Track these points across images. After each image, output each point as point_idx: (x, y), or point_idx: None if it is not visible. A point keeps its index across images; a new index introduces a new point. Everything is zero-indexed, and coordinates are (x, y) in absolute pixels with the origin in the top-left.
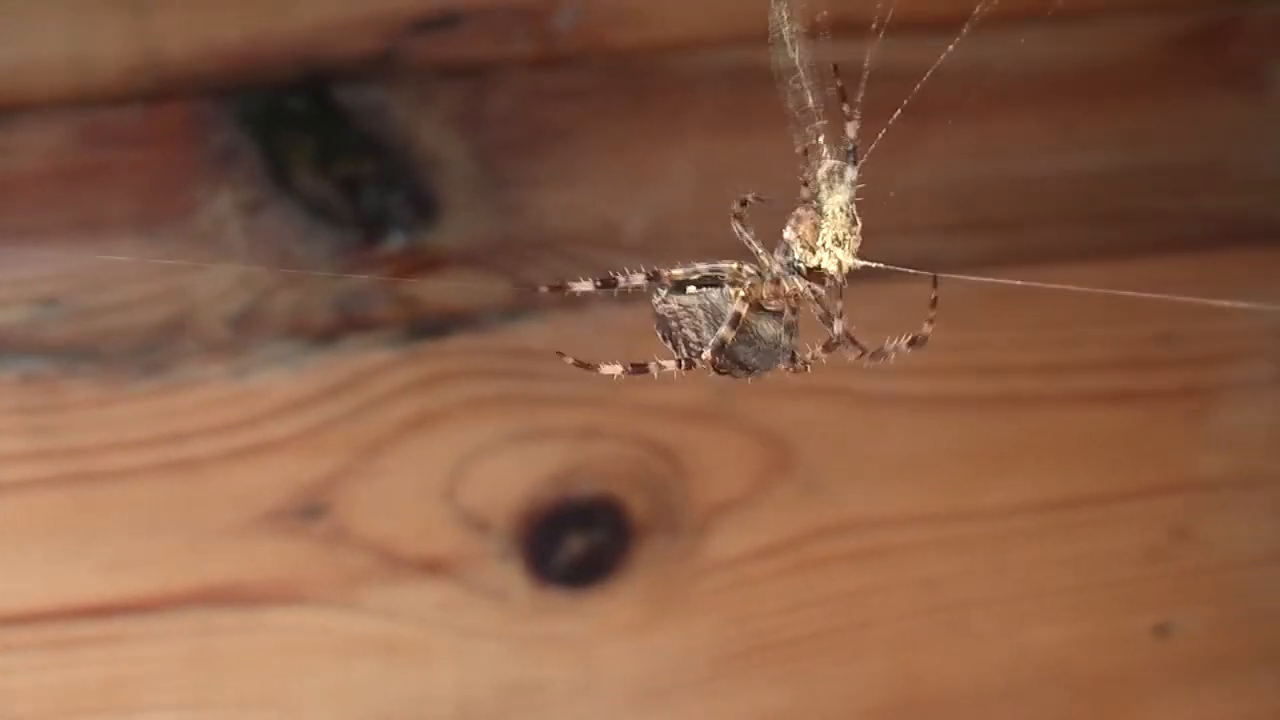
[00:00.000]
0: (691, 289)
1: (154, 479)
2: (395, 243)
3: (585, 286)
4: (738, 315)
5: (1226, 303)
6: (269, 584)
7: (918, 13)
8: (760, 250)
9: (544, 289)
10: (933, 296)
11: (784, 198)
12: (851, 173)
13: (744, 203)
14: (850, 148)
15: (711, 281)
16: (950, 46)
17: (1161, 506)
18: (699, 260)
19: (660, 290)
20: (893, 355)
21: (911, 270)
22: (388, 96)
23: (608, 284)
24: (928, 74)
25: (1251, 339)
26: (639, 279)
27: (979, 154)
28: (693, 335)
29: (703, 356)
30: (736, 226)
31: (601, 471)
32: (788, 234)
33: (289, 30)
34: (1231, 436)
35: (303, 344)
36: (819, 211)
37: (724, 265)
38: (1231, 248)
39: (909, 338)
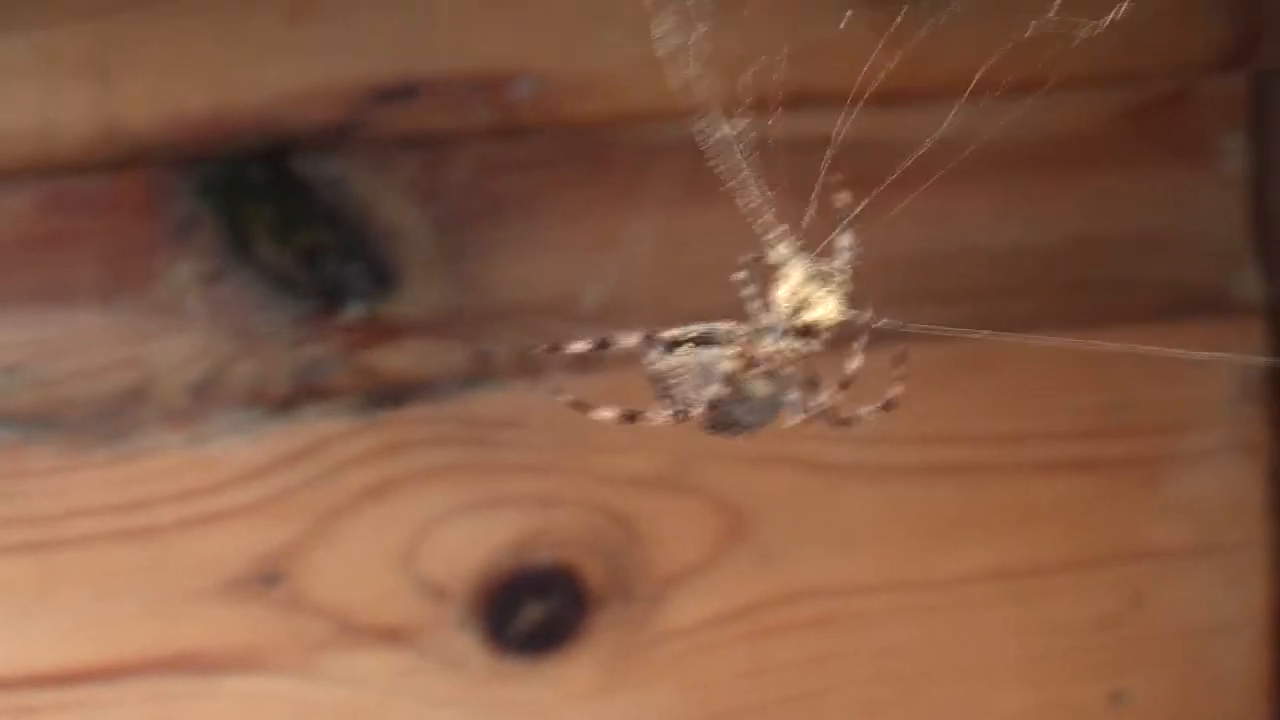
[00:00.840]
0: (682, 349)
1: (113, 546)
2: (354, 312)
3: (582, 347)
4: (729, 373)
5: (1206, 354)
6: (228, 651)
7: (874, 86)
8: (755, 310)
9: (542, 349)
10: (902, 353)
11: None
12: (847, 239)
13: (744, 266)
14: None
15: (706, 341)
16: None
17: (1117, 575)
18: (693, 322)
19: (653, 351)
20: (864, 421)
21: (920, 326)
22: (347, 167)
23: (603, 345)
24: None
25: (1206, 407)
26: (634, 339)
27: (936, 225)
28: (691, 394)
29: (690, 414)
30: (740, 282)
31: (558, 539)
32: (779, 292)
33: (251, 101)
34: (1186, 504)
35: (262, 412)
36: (808, 269)
37: (719, 326)
38: (1185, 318)
39: (883, 402)
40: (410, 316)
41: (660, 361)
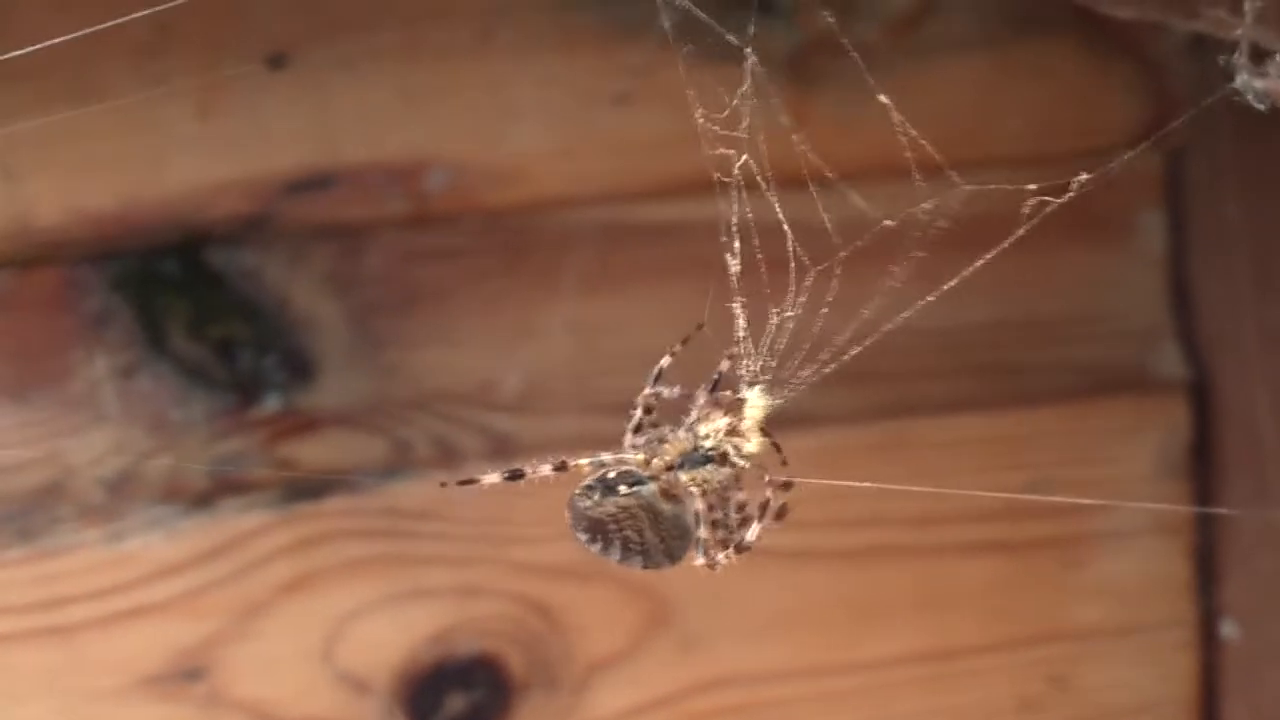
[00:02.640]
0: (623, 488)
1: (30, 645)
2: (271, 405)
3: (493, 479)
4: (697, 514)
5: None
6: None
7: (785, 168)
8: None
9: (454, 484)
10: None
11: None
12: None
13: (685, 341)
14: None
15: (629, 476)
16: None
17: (1038, 656)
18: (600, 449)
19: (590, 493)
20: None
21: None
22: (261, 258)
23: (515, 476)
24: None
25: (1126, 486)
26: (546, 469)
27: (849, 307)
28: (634, 536)
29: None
30: (639, 415)
31: (480, 630)
32: (702, 426)
33: (161, 194)
34: (1106, 584)
35: (179, 507)
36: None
37: (628, 457)
38: (1104, 397)
39: (775, 514)
40: (328, 408)
41: (606, 504)
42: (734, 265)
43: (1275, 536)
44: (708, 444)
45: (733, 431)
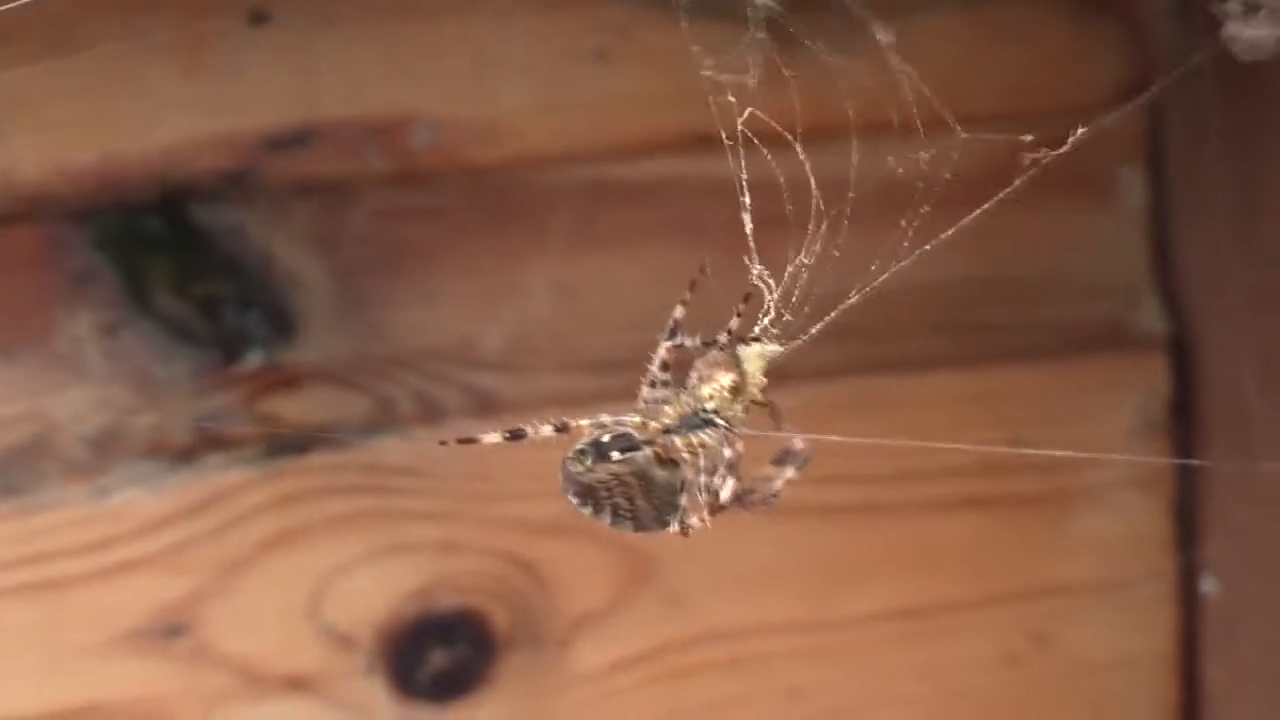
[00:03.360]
0: (616, 454)
1: (14, 601)
2: (254, 362)
3: (494, 438)
4: (685, 481)
5: None
6: (130, 704)
7: (765, 127)
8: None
9: (454, 442)
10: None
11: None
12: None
13: (692, 287)
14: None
15: (624, 440)
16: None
17: (1020, 612)
18: (602, 411)
19: (582, 458)
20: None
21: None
22: (244, 216)
23: (516, 435)
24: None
25: (1105, 443)
26: (547, 430)
27: (835, 264)
28: (624, 504)
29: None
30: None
31: (463, 586)
32: (704, 388)
33: (143, 152)
34: (1088, 541)
35: (163, 464)
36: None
37: (627, 419)
38: (1083, 354)
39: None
40: (311, 365)
41: (599, 470)
42: (748, 223)
43: (1255, 492)
44: (710, 406)
45: (736, 390)
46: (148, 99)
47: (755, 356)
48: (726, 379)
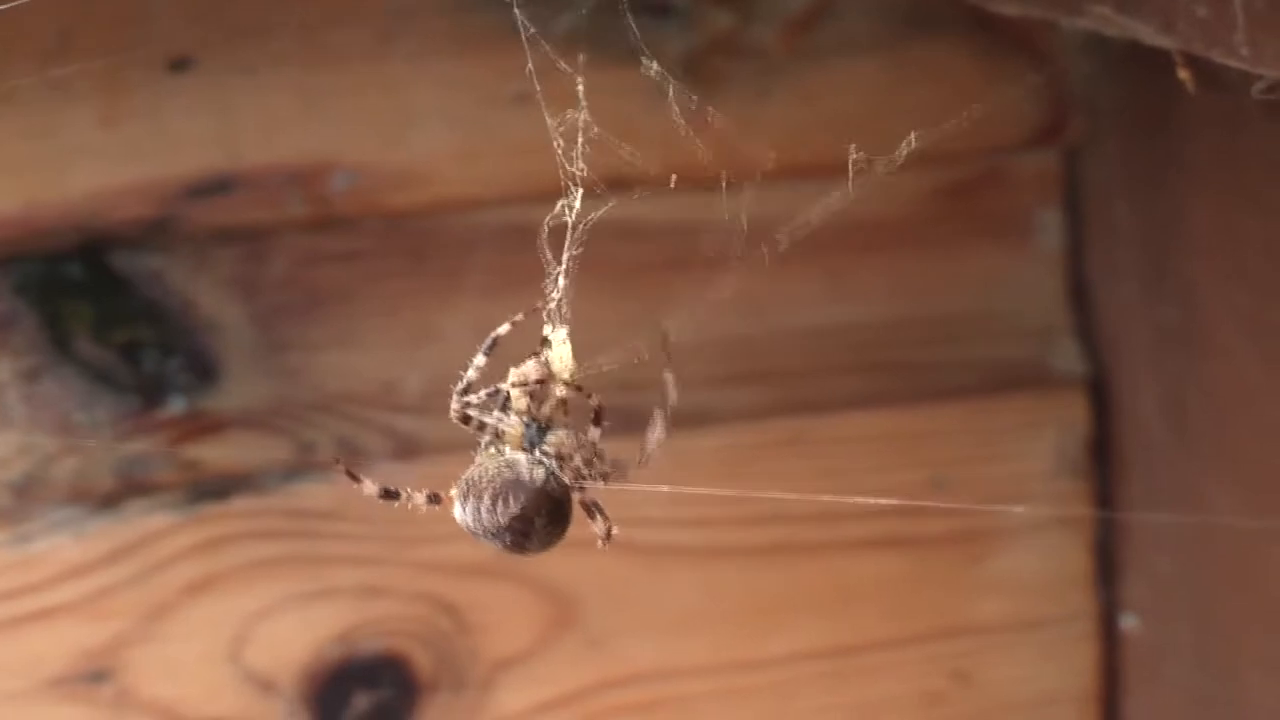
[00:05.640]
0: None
1: None
2: (176, 407)
3: (371, 490)
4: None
5: None
6: None
7: (682, 170)
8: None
9: (344, 469)
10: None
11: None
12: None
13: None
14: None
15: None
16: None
17: (940, 651)
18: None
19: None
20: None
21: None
22: (165, 262)
23: (390, 495)
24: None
25: (1025, 483)
26: (420, 499)
27: (750, 306)
28: (521, 539)
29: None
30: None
31: (386, 629)
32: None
33: (63, 198)
34: (1007, 580)
35: (85, 509)
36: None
37: (489, 467)
38: (1003, 394)
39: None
40: (233, 410)
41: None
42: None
43: (1173, 533)
44: (542, 411)
45: (549, 379)
46: (67, 146)
47: (557, 344)
48: (531, 369)
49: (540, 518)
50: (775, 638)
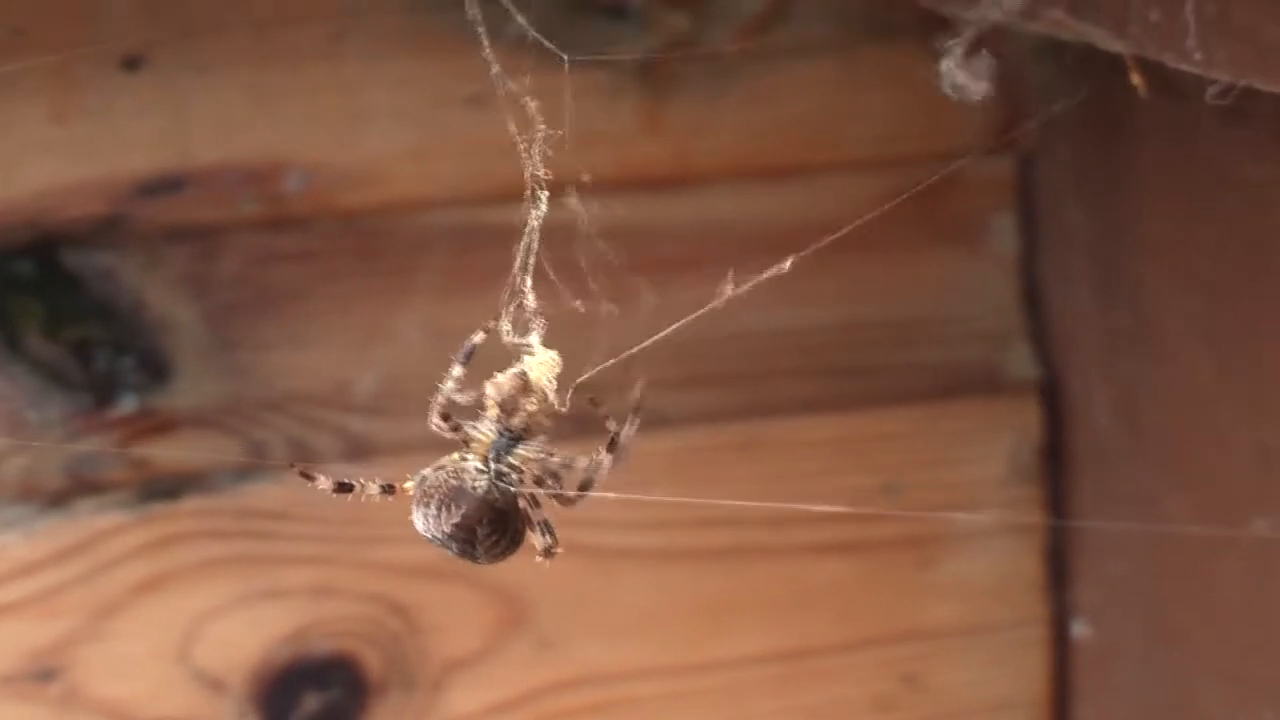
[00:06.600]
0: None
1: None
2: (127, 406)
3: (325, 486)
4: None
5: None
6: None
7: (638, 172)
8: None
9: (298, 471)
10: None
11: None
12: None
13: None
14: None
15: (461, 496)
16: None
17: (891, 655)
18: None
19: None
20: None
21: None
22: (116, 260)
23: (344, 488)
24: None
25: (976, 488)
26: (374, 489)
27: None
28: (468, 548)
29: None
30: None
31: (336, 630)
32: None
33: (13, 195)
34: (959, 585)
35: (34, 508)
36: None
37: (447, 467)
38: (956, 398)
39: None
40: (184, 409)
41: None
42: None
43: (1125, 538)
44: (514, 422)
45: (526, 393)
46: (18, 143)
47: (537, 364)
48: (507, 380)
49: (482, 527)
50: (727, 640)
